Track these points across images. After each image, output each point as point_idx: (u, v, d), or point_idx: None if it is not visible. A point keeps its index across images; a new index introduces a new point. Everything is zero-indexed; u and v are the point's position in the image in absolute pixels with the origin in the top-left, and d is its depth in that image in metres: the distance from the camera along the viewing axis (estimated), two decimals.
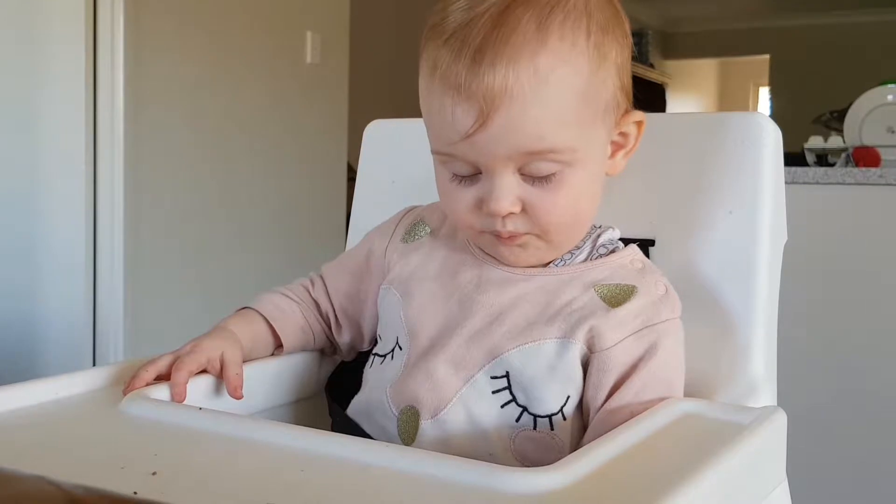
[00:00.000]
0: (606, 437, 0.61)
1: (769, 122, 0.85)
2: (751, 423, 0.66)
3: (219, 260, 2.69)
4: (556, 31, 0.68)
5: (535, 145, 0.68)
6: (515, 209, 0.71)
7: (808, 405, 1.88)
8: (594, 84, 0.70)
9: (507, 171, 0.70)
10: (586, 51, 0.69)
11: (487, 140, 0.68)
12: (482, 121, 0.67)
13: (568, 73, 0.68)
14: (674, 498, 0.51)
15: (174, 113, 2.53)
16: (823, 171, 1.95)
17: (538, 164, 0.70)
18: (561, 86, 0.68)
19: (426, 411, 0.73)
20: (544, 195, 0.71)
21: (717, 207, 0.84)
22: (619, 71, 0.73)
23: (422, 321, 0.77)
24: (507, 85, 0.66)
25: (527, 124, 0.68)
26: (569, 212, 0.72)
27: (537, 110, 0.67)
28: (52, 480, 0.53)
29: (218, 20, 2.64)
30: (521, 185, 0.71)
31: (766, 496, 0.66)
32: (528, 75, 0.67)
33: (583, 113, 0.70)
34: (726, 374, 0.80)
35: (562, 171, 0.70)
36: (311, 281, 0.89)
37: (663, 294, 0.75)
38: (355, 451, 0.58)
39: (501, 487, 0.53)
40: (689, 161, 0.87)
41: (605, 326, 0.71)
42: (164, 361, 0.75)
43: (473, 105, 0.67)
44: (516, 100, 0.67)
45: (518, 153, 0.69)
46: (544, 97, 0.67)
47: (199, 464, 0.57)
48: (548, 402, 0.71)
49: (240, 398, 0.75)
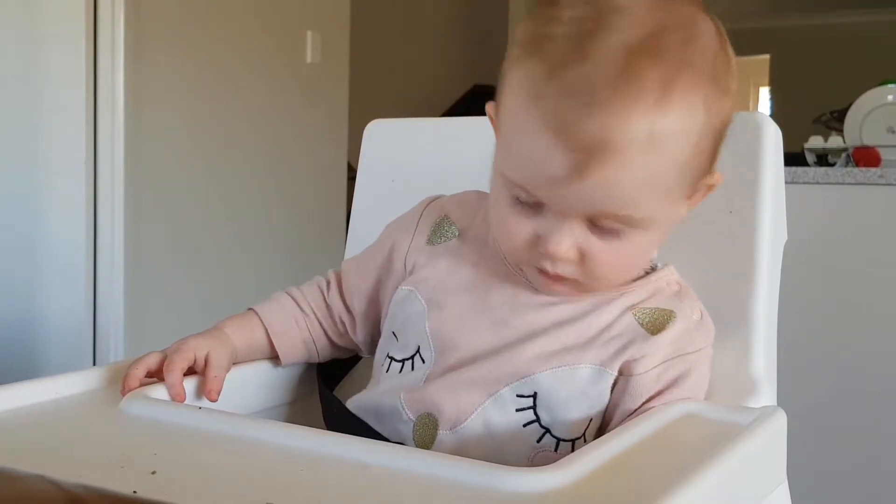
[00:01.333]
0: (606, 438, 0.61)
1: (769, 121, 0.85)
2: (751, 423, 0.66)
3: (219, 259, 2.69)
4: (678, 95, 0.62)
5: (617, 209, 0.64)
6: (572, 256, 0.67)
7: (808, 405, 1.88)
8: (696, 154, 0.65)
9: (575, 219, 0.66)
10: (702, 120, 0.64)
11: (572, 192, 0.63)
12: (578, 174, 0.62)
13: (678, 142, 0.63)
14: (674, 498, 0.51)
15: (174, 113, 2.52)
16: (823, 171, 1.95)
17: (611, 223, 0.66)
18: (669, 155, 0.63)
19: (445, 422, 0.71)
20: (605, 249, 0.67)
21: (717, 207, 0.84)
22: (716, 134, 0.67)
23: (451, 338, 0.74)
24: (616, 144, 0.60)
25: (622, 188, 0.63)
26: (623, 268, 0.71)
27: (639, 175, 0.62)
28: (52, 479, 0.53)
29: (218, 20, 2.64)
30: (584, 234, 0.66)
31: (766, 496, 0.66)
32: (642, 139, 0.61)
33: (678, 185, 0.66)
34: (726, 374, 0.80)
35: (633, 230, 0.66)
36: (328, 282, 0.86)
37: (698, 321, 0.74)
38: (355, 450, 0.58)
39: (501, 487, 0.53)
40: None
41: (641, 353, 0.70)
42: (153, 359, 0.74)
43: (573, 156, 0.61)
44: (621, 161, 0.61)
45: (599, 211, 0.64)
46: (650, 164, 0.62)
47: (198, 463, 0.57)
48: (574, 427, 0.70)
49: (214, 401, 0.73)
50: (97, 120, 2.30)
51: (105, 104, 2.30)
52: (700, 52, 0.64)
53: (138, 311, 2.42)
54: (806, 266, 1.87)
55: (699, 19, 0.66)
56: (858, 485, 1.90)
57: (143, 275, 2.44)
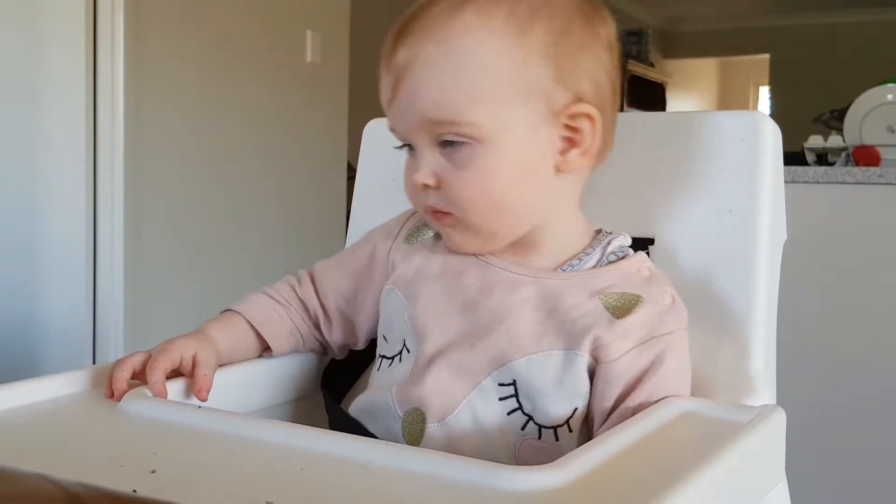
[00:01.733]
0: (605, 436, 0.61)
1: (769, 121, 0.85)
2: (750, 421, 0.66)
3: (219, 259, 2.69)
4: (471, 6, 0.70)
5: (435, 114, 0.70)
6: (430, 181, 0.72)
7: (807, 404, 1.88)
8: (506, 62, 0.70)
9: (424, 144, 0.72)
10: (501, 28, 0.70)
11: (398, 108, 0.72)
12: (394, 89, 0.71)
13: (473, 44, 0.69)
14: (673, 496, 0.51)
15: (174, 112, 2.52)
16: (823, 170, 1.95)
17: (447, 137, 0.71)
18: (464, 56, 0.69)
19: (433, 415, 0.72)
20: (455, 171, 0.72)
21: (716, 206, 0.84)
22: (547, 57, 0.71)
23: (427, 324, 0.76)
24: (414, 54, 0.70)
25: (428, 91, 0.70)
26: (479, 192, 0.72)
27: (439, 77, 0.69)
28: (51, 478, 0.53)
29: (218, 19, 2.64)
30: (439, 161, 0.72)
31: (766, 495, 0.66)
32: (433, 44, 0.70)
33: (489, 89, 0.70)
34: (725, 373, 0.80)
35: (472, 147, 0.71)
36: (299, 279, 0.87)
37: (670, 304, 0.74)
38: (354, 449, 0.58)
39: (501, 486, 0.53)
40: (689, 160, 0.87)
41: (609, 337, 0.71)
42: (138, 360, 0.74)
43: (390, 76, 0.72)
44: (421, 67, 0.70)
45: (423, 121, 0.71)
46: (446, 65, 0.69)
47: (198, 462, 0.57)
48: (553, 414, 0.71)
49: (204, 400, 0.73)
50: (97, 120, 2.30)
51: (105, 104, 2.30)
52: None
53: (138, 311, 2.42)
54: (806, 265, 1.87)
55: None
56: (858, 483, 1.90)
57: (143, 274, 2.44)
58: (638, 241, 0.86)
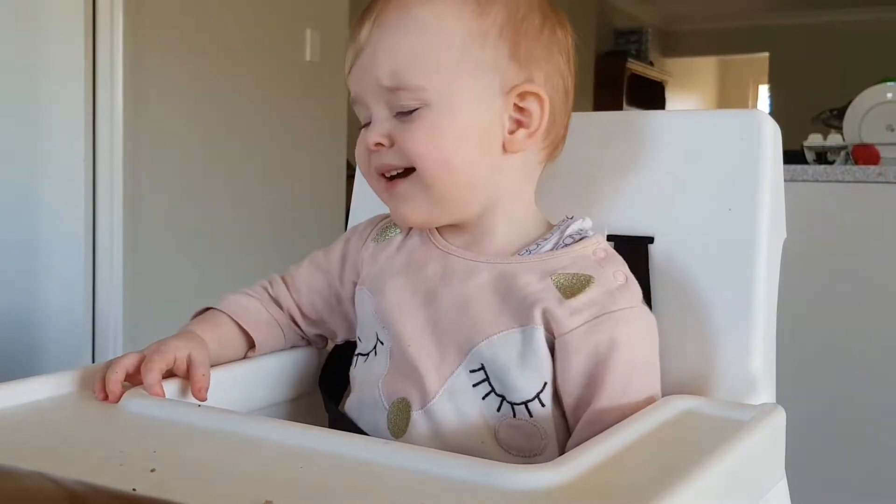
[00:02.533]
0: (605, 434, 0.61)
1: (768, 119, 0.85)
2: (750, 420, 0.66)
3: (218, 258, 2.69)
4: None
5: (387, 80, 0.74)
6: (384, 141, 0.75)
7: (807, 402, 1.88)
8: (462, 33, 0.74)
9: (379, 107, 0.75)
10: (462, 2, 0.74)
11: (357, 72, 0.76)
12: (356, 57, 0.76)
13: (430, 12, 0.73)
14: (673, 495, 0.51)
15: (173, 111, 2.52)
16: (823, 168, 1.95)
17: (399, 100, 0.74)
18: (421, 24, 0.73)
19: (416, 403, 0.74)
20: (407, 128, 0.74)
21: (716, 205, 0.84)
22: (504, 36, 0.75)
23: (394, 317, 0.77)
24: (376, 21, 0.75)
25: (384, 56, 0.74)
26: (430, 147, 0.74)
27: (395, 43, 0.74)
28: (51, 477, 0.53)
29: (217, 18, 2.64)
30: (392, 122, 0.75)
31: (765, 493, 0.66)
32: (393, 11, 0.74)
33: (443, 55, 0.73)
34: (725, 371, 0.80)
35: (422, 109, 0.74)
36: (270, 282, 0.89)
37: (622, 284, 0.74)
38: (354, 447, 0.58)
39: (500, 484, 0.53)
40: (689, 158, 0.87)
41: (559, 313, 0.72)
42: (131, 361, 0.73)
43: (355, 47, 0.76)
44: (379, 36, 0.74)
45: (377, 87, 0.74)
46: (405, 32, 0.73)
47: (197, 460, 0.57)
48: (521, 390, 0.72)
49: (203, 399, 0.73)
50: (96, 118, 2.30)
51: (104, 103, 2.30)
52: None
53: (137, 310, 2.42)
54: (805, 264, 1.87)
55: None
56: (857, 482, 1.90)
57: (142, 273, 2.44)
58: (637, 240, 0.86)
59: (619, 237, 0.86)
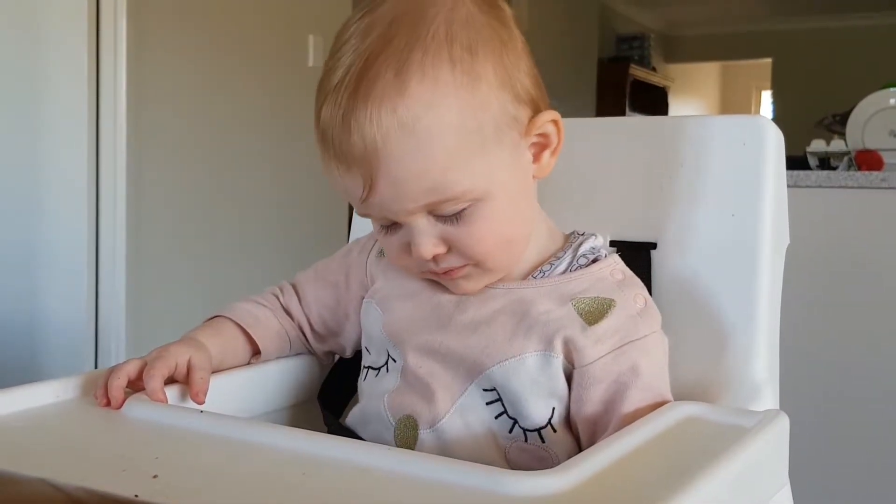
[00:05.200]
0: (609, 440, 0.61)
1: (771, 125, 0.85)
2: (753, 426, 0.66)
3: (221, 261, 2.69)
4: (415, 74, 0.65)
5: (429, 197, 0.67)
6: (440, 250, 0.70)
7: (810, 408, 1.87)
8: (472, 114, 0.67)
9: (418, 219, 0.69)
10: (452, 84, 0.66)
11: (382, 202, 0.68)
12: (369, 187, 0.67)
13: (435, 116, 0.65)
14: (676, 501, 0.51)
15: (176, 115, 2.53)
16: (826, 174, 1.95)
17: (443, 210, 0.68)
18: (431, 132, 0.65)
19: (424, 421, 0.73)
20: (463, 230, 0.70)
21: (719, 210, 0.84)
22: (503, 84, 0.69)
23: (403, 338, 0.76)
24: (377, 147, 0.65)
25: (411, 180, 0.66)
26: (493, 240, 0.71)
27: (416, 164, 0.65)
28: (53, 483, 0.53)
29: (220, 23, 2.65)
30: (438, 226, 0.70)
31: (769, 500, 0.66)
32: (394, 131, 0.64)
33: (468, 148, 0.67)
34: (728, 378, 0.80)
35: (473, 206, 0.69)
36: (281, 289, 0.88)
37: (642, 308, 0.73)
38: (356, 454, 0.58)
39: (503, 491, 0.52)
40: (692, 164, 0.87)
41: (582, 342, 0.70)
42: (133, 367, 0.73)
43: (356, 173, 0.67)
44: (392, 158, 0.65)
45: (416, 206, 0.68)
46: (417, 149, 0.65)
47: (199, 467, 0.57)
48: (534, 417, 0.71)
49: (201, 403, 0.73)
50: (99, 121, 2.31)
51: (107, 107, 2.30)
52: (431, 29, 0.66)
53: (140, 314, 2.42)
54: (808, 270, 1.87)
55: (429, 4, 0.68)
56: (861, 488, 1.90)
57: (145, 278, 2.44)
58: (640, 246, 0.86)
59: (621, 243, 0.86)
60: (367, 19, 0.69)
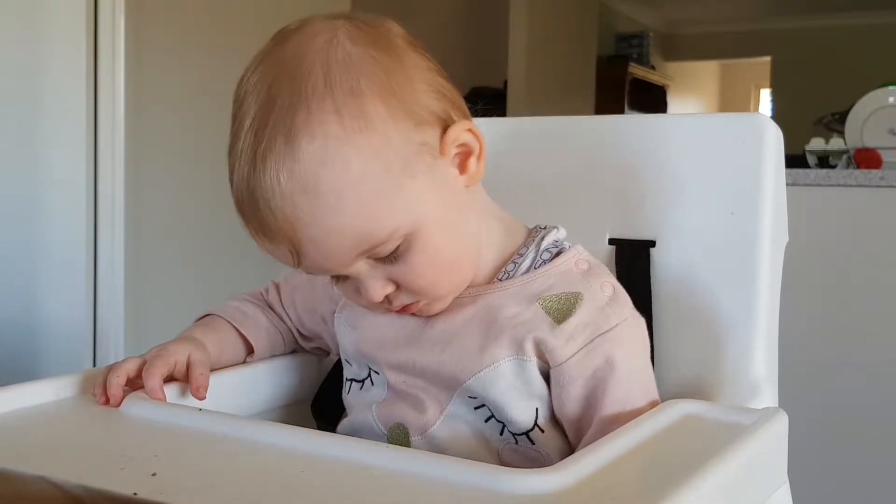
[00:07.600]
0: (606, 438, 0.61)
1: (770, 123, 0.85)
2: (752, 424, 0.66)
3: (220, 262, 2.69)
4: (304, 136, 0.62)
5: (358, 247, 0.66)
6: (389, 289, 0.69)
7: (809, 407, 1.87)
8: (373, 157, 0.64)
9: (359, 267, 0.68)
10: (343, 134, 0.63)
11: (315, 263, 0.67)
12: (296, 253, 0.66)
13: (335, 172, 0.62)
14: (674, 499, 0.51)
15: (175, 115, 2.53)
16: (825, 172, 1.95)
17: (377, 254, 0.67)
18: (337, 189, 0.63)
19: (415, 429, 0.73)
20: (403, 268, 0.68)
21: (718, 209, 0.84)
22: (398, 115, 0.65)
23: (377, 355, 0.76)
24: (287, 216, 0.63)
25: (333, 238, 0.64)
26: (435, 270, 0.69)
27: (332, 222, 0.64)
28: (52, 481, 0.53)
29: (219, 22, 2.64)
30: (380, 268, 0.68)
31: (768, 498, 0.66)
32: (299, 196, 0.62)
33: (380, 191, 0.64)
34: (727, 376, 0.80)
35: (404, 242, 0.67)
36: (266, 289, 0.89)
37: (610, 296, 0.72)
38: (355, 452, 0.58)
39: (502, 488, 0.52)
40: (691, 162, 0.87)
41: (553, 342, 0.70)
42: (132, 365, 0.73)
43: (280, 246, 0.66)
44: (307, 224, 0.63)
45: (346, 260, 0.66)
46: (329, 208, 0.63)
47: (199, 465, 0.57)
48: (518, 421, 0.71)
49: (202, 398, 0.73)
50: (98, 122, 2.30)
51: (106, 106, 2.30)
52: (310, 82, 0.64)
53: (139, 313, 2.42)
54: (807, 268, 1.87)
55: (304, 52, 0.68)
56: (860, 486, 1.90)
57: (144, 277, 2.44)
58: (639, 244, 0.86)
59: (620, 241, 0.87)
60: (258, 73, 0.69)
